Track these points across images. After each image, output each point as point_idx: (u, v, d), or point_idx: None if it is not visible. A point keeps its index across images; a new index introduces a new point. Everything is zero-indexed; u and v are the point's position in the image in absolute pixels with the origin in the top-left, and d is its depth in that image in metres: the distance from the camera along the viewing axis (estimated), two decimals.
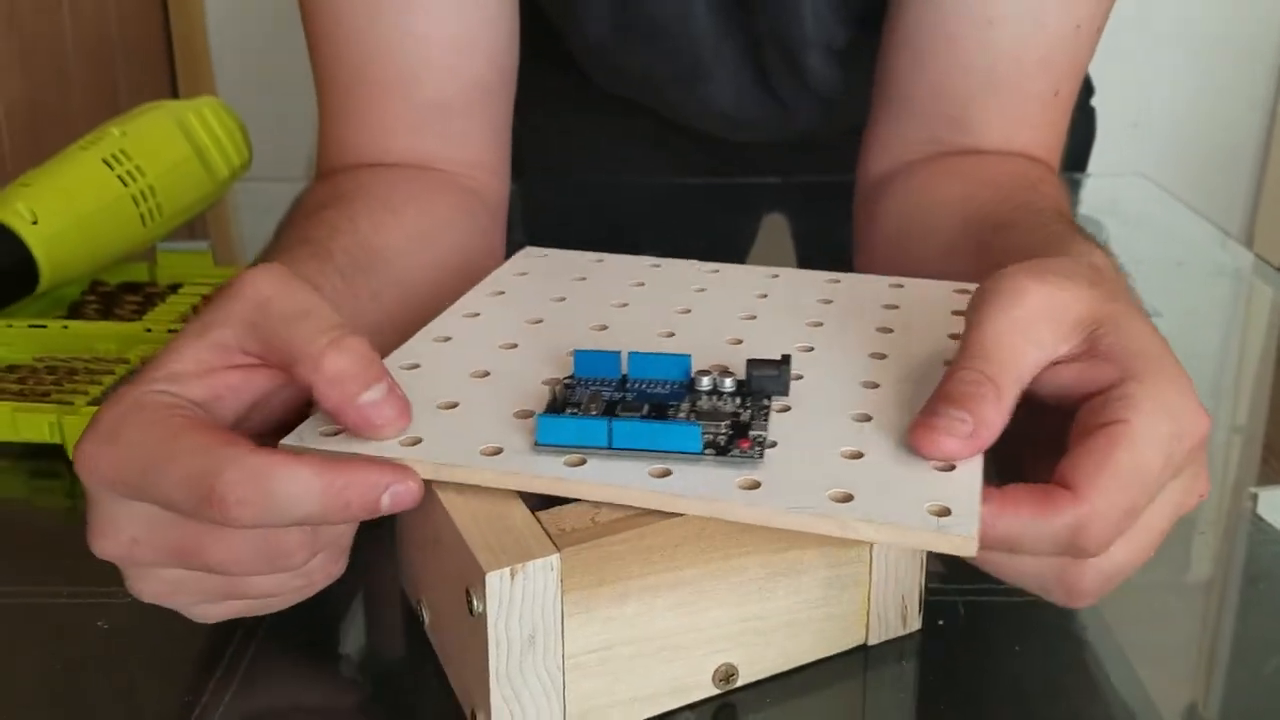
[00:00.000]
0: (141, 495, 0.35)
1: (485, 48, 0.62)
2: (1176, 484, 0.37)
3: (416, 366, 0.43)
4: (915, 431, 0.36)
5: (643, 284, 0.51)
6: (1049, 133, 0.64)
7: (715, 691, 0.39)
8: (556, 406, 0.39)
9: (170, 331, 0.63)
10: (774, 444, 0.37)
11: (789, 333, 0.45)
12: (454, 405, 0.40)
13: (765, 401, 0.39)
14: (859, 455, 0.36)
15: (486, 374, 0.42)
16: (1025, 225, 0.51)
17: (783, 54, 0.74)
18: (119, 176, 0.69)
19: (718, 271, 0.52)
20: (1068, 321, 0.38)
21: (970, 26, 0.60)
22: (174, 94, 2.00)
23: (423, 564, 0.41)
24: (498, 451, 0.37)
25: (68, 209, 0.66)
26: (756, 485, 0.35)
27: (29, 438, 0.55)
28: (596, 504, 0.37)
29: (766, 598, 0.39)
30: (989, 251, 0.50)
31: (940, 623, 0.43)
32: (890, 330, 0.45)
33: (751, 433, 0.37)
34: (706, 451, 0.36)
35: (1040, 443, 0.40)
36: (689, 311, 0.48)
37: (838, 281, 0.50)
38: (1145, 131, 1.99)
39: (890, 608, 0.42)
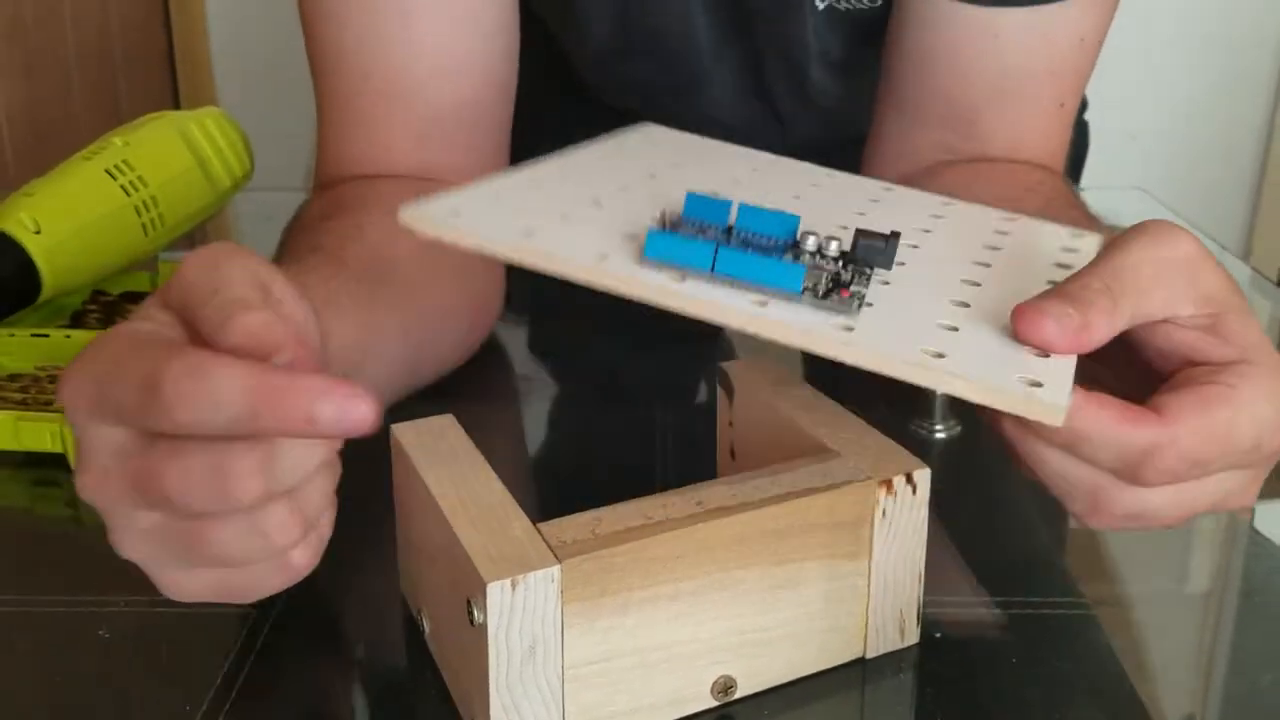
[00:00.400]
0: (103, 408, 0.34)
1: (484, 62, 0.63)
2: (1236, 476, 0.38)
3: (535, 183, 0.43)
4: (1019, 310, 0.36)
5: (757, 170, 0.51)
6: (1055, 143, 0.64)
7: (714, 703, 0.40)
8: (665, 227, 0.39)
9: None
10: (872, 305, 0.37)
11: (899, 226, 0.45)
12: (566, 217, 0.40)
13: (868, 271, 0.39)
14: (954, 329, 0.36)
15: (599, 201, 0.42)
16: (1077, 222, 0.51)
17: (784, 65, 0.75)
18: (122, 187, 0.69)
19: (831, 176, 0.52)
20: (1203, 289, 0.38)
21: (976, 38, 0.61)
22: (175, 104, 2.00)
23: (423, 573, 0.42)
24: (606, 258, 0.37)
25: (70, 219, 0.66)
26: (852, 330, 0.35)
27: (31, 447, 0.55)
28: (597, 516, 0.37)
29: (765, 610, 0.39)
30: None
31: (937, 635, 0.43)
32: (998, 248, 0.44)
33: (853, 287, 0.37)
34: (805, 294, 0.36)
35: (1120, 378, 0.40)
36: (801, 198, 0.47)
37: (949, 204, 0.50)
38: (1142, 145, 1.99)
39: (888, 620, 0.42)
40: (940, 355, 0.34)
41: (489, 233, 0.37)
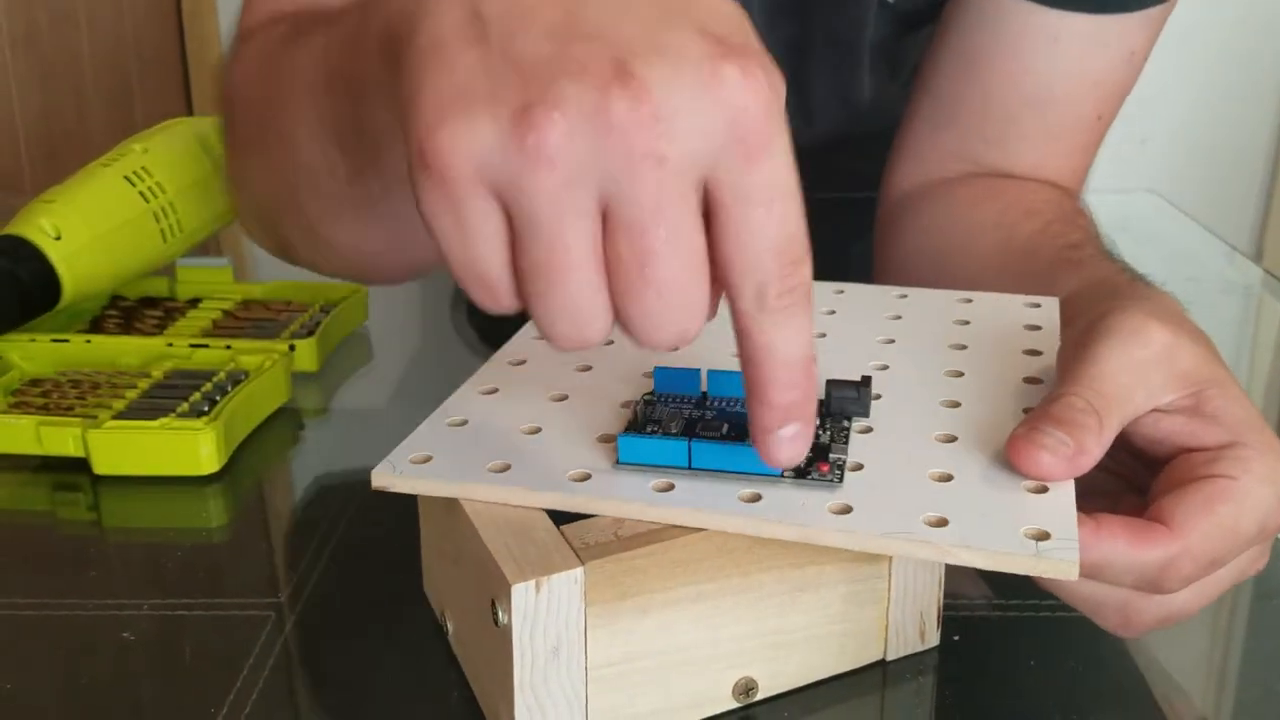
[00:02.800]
0: None
1: None
2: (1247, 554, 0.38)
3: (495, 392, 0.44)
4: (1015, 444, 0.36)
5: None
6: (1082, 158, 0.64)
7: (735, 705, 0.40)
8: (638, 425, 0.40)
9: (192, 346, 0.64)
10: (859, 466, 0.37)
11: (862, 350, 0.45)
12: (537, 430, 0.41)
13: (845, 423, 0.39)
14: (948, 478, 0.37)
15: (565, 397, 0.43)
16: (1094, 265, 0.51)
17: (832, 53, 0.73)
18: (140, 193, 0.70)
19: None
20: (1179, 373, 0.39)
21: (1036, 40, 0.60)
22: (189, 110, 2.01)
23: (447, 576, 0.42)
24: (585, 476, 0.38)
25: (90, 225, 0.67)
26: (848, 509, 0.35)
27: (54, 451, 0.55)
28: (619, 518, 0.37)
29: (786, 612, 0.40)
30: (1053, 287, 0.50)
31: (956, 638, 0.43)
32: (964, 346, 0.45)
33: (831, 455, 0.37)
34: (786, 474, 0.37)
35: (1120, 479, 0.41)
36: None
37: (904, 296, 0.50)
38: (1154, 148, 1.99)
39: (908, 623, 0.42)
40: (942, 522, 0.34)
41: (466, 477, 0.38)
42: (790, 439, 0.33)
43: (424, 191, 0.30)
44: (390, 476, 0.38)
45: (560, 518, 0.37)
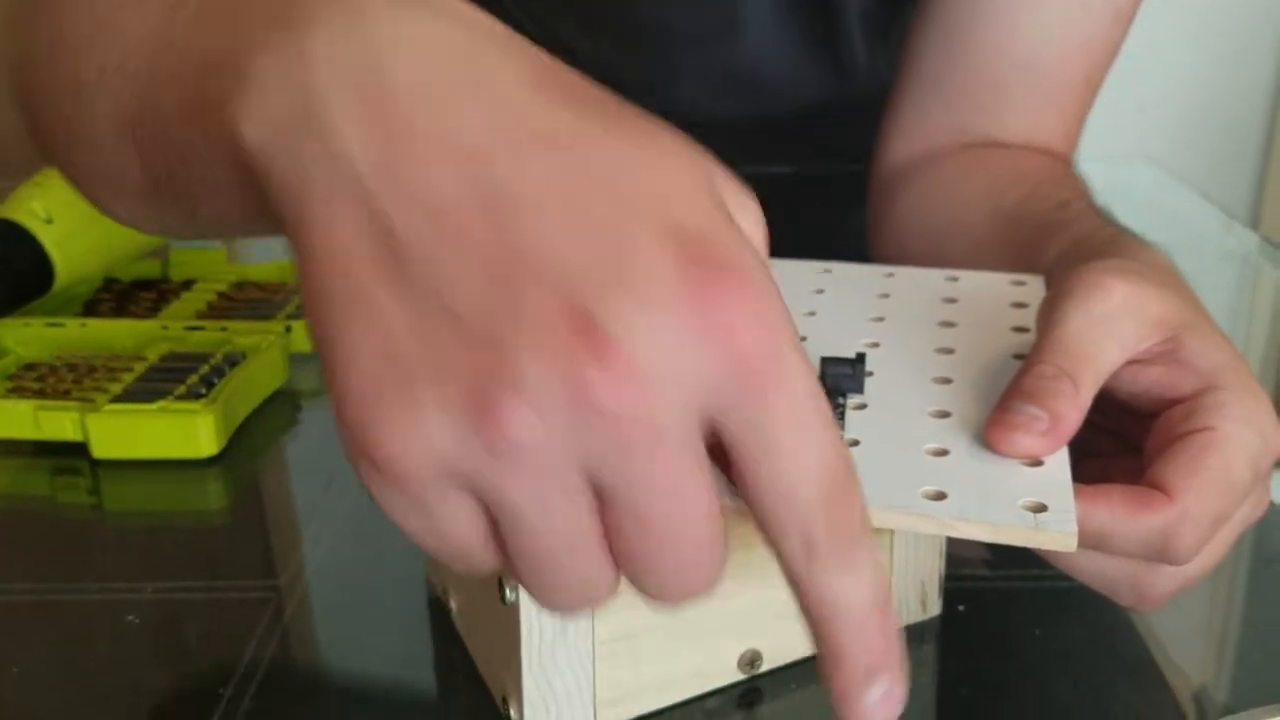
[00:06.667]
0: None
1: None
2: (1248, 503, 0.38)
3: None
4: (991, 429, 0.36)
5: None
6: (1073, 122, 0.64)
7: (740, 676, 0.40)
8: None
9: (187, 329, 0.63)
10: (856, 443, 0.37)
11: (852, 329, 0.45)
12: None
13: (841, 400, 0.39)
14: (944, 452, 0.36)
15: None
16: (1077, 226, 0.51)
17: (823, 12, 0.73)
18: None
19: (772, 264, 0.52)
20: (1150, 319, 0.38)
21: (1019, 5, 0.60)
22: None
23: None
24: None
25: (82, 208, 0.65)
26: None
27: (52, 435, 0.55)
28: None
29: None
30: (1040, 252, 0.50)
31: (960, 608, 0.43)
32: (953, 324, 0.45)
33: None
34: None
35: (1115, 437, 0.40)
36: None
37: (891, 275, 0.50)
38: (1149, 115, 1.99)
39: (910, 592, 0.42)
40: (940, 495, 0.34)
41: None
42: (883, 700, 0.27)
43: (380, 492, 0.25)
44: None
45: None
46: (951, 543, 0.42)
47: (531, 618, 0.35)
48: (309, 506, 0.52)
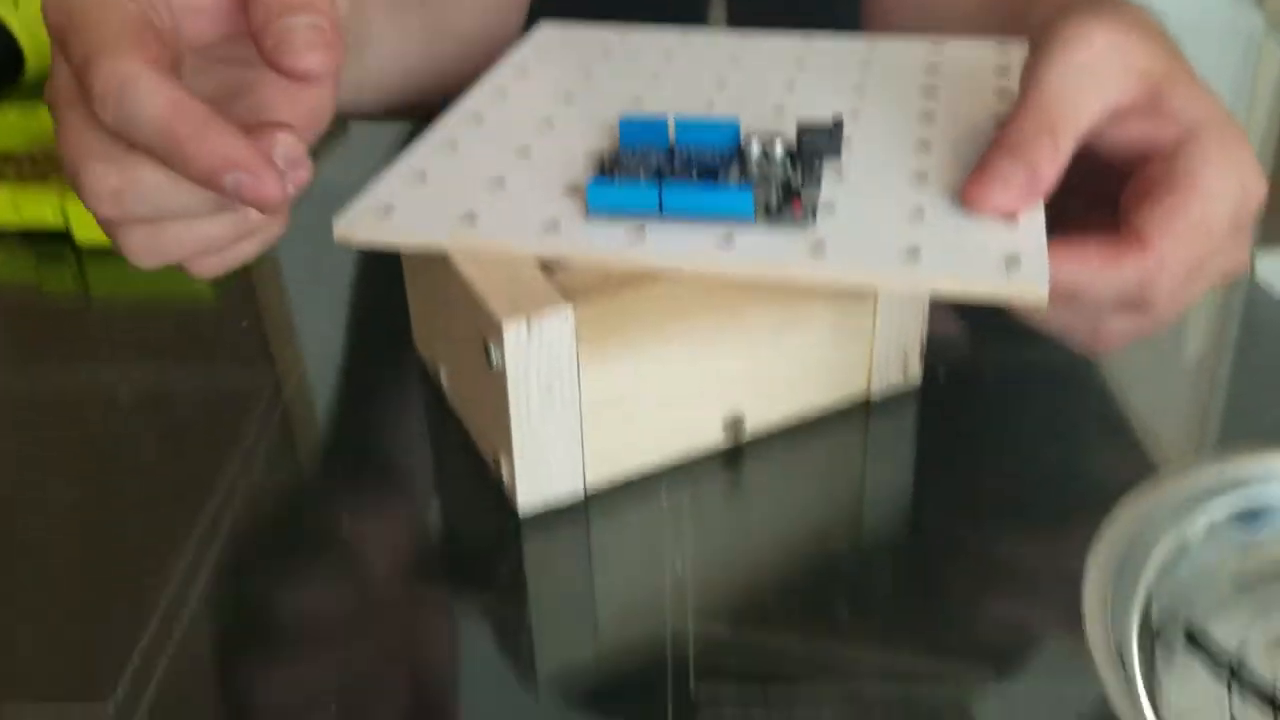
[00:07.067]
0: (63, 49, 0.34)
1: None
2: (1224, 252, 0.37)
3: (454, 146, 0.43)
4: (968, 187, 0.36)
5: (671, 57, 0.50)
6: None
7: (724, 438, 0.41)
8: (605, 172, 0.39)
9: None
10: (832, 206, 0.37)
11: (831, 99, 0.45)
12: (500, 182, 0.40)
13: (817, 164, 0.39)
14: (920, 213, 0.37)
15: (527, 150, 0.42)
16: None
17: None
18: None
19: (747, 40, 0.51)
20: (1131, 68, 0.37)
21: None
22: None
23: (438, 329, 0.42)
24: (554, 224, 0.37)
25: None
26: (822, 247, 0.35)
27: (32, 220, 0.55)
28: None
29: (773, 350, 0.40)
30: (1027, 17, 0.49)
31: (940, 373, 0.44)
32: (935, 91, 0.44)
33: (804, 196, 0.37)
34: (759, 216, 0.36)
35: (1089, 199, 0.40)
36: (724, 82, 0.47)
37: (873, 44, 0.49)
38: None
39: (892, 359, 0.43)
40: (915, 251, 0.34)
41: (428, 227, 0.37)
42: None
43: None
44: (351, 229, 0.37)
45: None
46: (932, 320, 0.43)
47: (519, 380, 0.36)
48: (298, 290, 0.52)
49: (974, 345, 0.46)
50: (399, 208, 0.38)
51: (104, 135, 0.33)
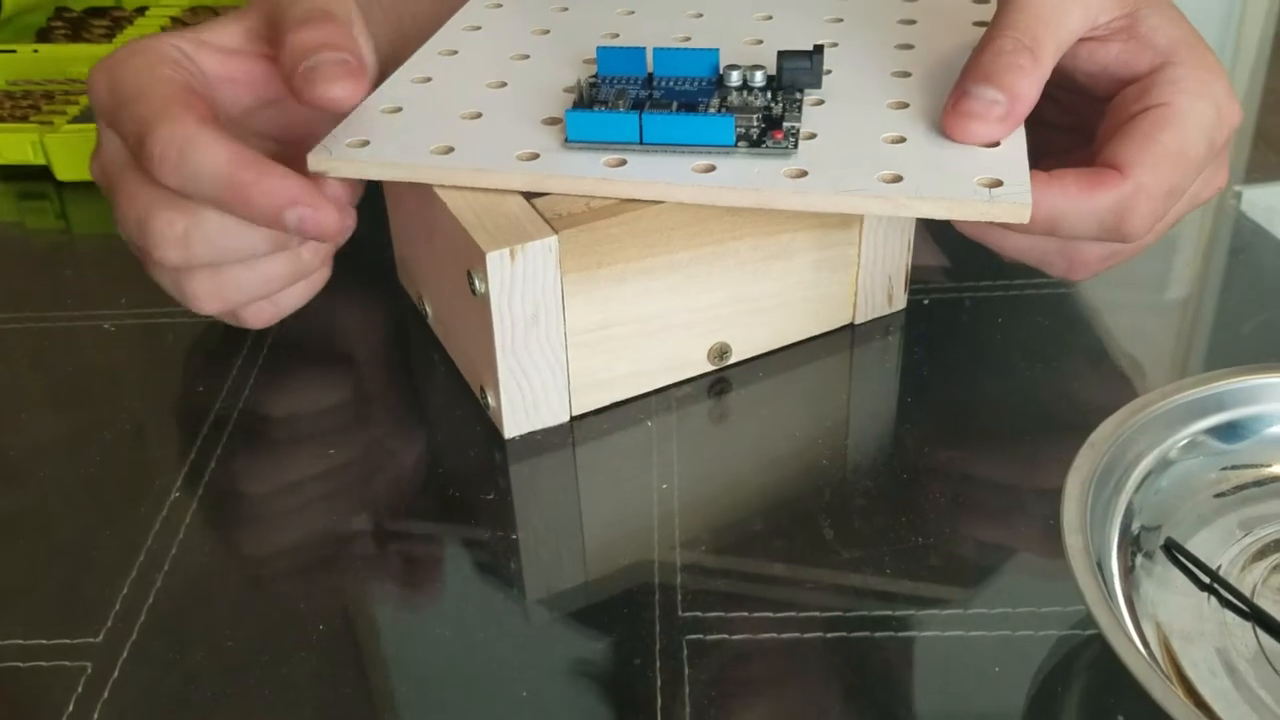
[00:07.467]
0: (113, 123, 0.36)
1: None
2: (1201, 177, 0.38)
3: (428, 80, 0.42)
4: (947, 118, 0.36)
5: None
6: None
7: (710, 367, 0.41)
8: (584, 103, 0.39)
9: None
10: (813, 135, 0.37)
11: (810, 29, 0.44)
12: (477, 115, 0.39)
13: (797, 94, 0.39)
14: (901, 140, 0.36)
15: (504, 84, 0.41)
16: None
17: None
18: None
19: None
20: None
21: None
22: None
23: (421, 258, 0.42)
24: (534, 155, 0.37)
25: None
26: (804, 174, 0.35)
27: (12, 159, 0.54)
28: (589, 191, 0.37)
29: (759, 279, 0.40)
30: None
31: (925, 302, 0.44)
32: (914, 21, 0.44)
33: (785, 124, 0.37)
34: (740, 144, 0.36)
35: (1067, 130, 0.40)
36: (701, 15, 0.47)
37: None
38: None
39: (877, 288, 0.43)
40: (897, 178, 0.34)
41: (406, 158, 0.37)
42: None
43: None
44: (328, 160, 0.37)
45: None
46: (919, 255, 0.43)
47: (503, 308, 0.36)
48: None
49: (958, 274, 0.46)
50: (375, 140, 0.38)
51: (165, 190, 0.35)
